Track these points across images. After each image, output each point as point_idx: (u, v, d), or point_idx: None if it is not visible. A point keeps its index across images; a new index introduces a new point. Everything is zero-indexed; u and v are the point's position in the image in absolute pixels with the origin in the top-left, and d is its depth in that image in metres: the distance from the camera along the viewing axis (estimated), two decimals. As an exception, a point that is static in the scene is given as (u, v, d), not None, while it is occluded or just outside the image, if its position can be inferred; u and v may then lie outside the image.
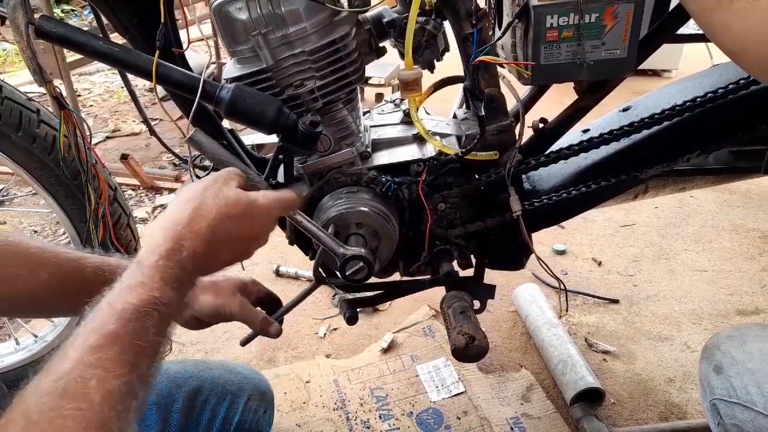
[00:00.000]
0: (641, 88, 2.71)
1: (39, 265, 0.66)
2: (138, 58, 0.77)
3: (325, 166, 0.94)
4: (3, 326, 1.63)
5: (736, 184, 2.15)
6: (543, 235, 1.79)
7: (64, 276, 0.68)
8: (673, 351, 1.44)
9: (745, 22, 0.55)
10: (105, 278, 0.66)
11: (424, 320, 1.57)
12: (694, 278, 1.71)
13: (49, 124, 1.08)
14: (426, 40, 0.90)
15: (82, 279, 0.69)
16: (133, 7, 0.83)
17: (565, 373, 1.29)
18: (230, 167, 0.68)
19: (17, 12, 0.71)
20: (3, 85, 1.04)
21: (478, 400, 1.30)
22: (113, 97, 3.73)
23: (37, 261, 0.67)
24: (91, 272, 0.70)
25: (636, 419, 1.26)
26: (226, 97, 0.78)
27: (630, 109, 1.06)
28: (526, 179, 1.06)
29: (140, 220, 2.21)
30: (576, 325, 1.54)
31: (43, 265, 0.67)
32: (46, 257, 0.67)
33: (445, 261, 1.01)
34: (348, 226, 0.91)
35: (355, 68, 0.88)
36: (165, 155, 2.80)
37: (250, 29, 0.81)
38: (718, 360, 0.77)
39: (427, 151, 0.97)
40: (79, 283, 0.68)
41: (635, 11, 0.75)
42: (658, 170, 0.90)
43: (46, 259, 0.67)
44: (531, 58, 0.79)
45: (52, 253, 0.68)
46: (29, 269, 0.66)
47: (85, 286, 0.65)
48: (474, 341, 0.83)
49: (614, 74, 0.82)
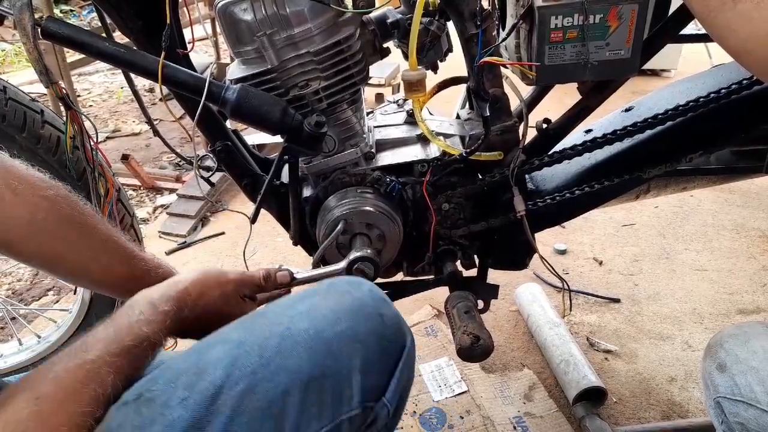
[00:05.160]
0: (640, 87, 2.72)
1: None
2: (144, 59, 0.78)
3: (330, 166, 0.95)
4: (6, 327, 1.63)
5: (737, 184, 2.16)
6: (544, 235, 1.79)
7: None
8: (675, 350, 1.45)
9: (750, 24, 0.55)
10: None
11: (427, 320, 1.57)
12: (694, 277, 1.72)
13: (53, 125, 1.08)
14: (430, 41, 0.90)
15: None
16: (137, 8, 0.84)
17: (567, 372, 1.29)
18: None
19: (24, 13, 0.71)
20: (7, 87, 1.04)
21: (480, 400, 1.30)
22: (113, 97, 3.73)
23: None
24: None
25: (638, 418, 1.26)
26: (231, 98, 0.78)
27: (632, 110, 1.06)
28: (529, 179, 1.06)
29: (141, 220, 2.21)
30: (578, 324, 1.55)
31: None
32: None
33: (449, 261, 1.01)
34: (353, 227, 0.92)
35: (359, 69, 0.88)
36: (165, 155, 2.79)
37: (255, 30, 0.82)
38: (722, 358, 0.78)
39: (431, 151, 0.97)
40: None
41: (639, 12, 0.75)
42: (660, 170, 0.91)
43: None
44: (535, 59, 0.79)
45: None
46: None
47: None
48: (479, 341, 0.84)
49: (618, 75, 0.83)
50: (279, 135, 0.84)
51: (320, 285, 0.65)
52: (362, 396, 0.57)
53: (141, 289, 0.75)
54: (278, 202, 0.99)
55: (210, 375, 0.54)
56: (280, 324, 0.58)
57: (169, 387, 0.54)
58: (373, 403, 0.59)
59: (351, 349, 0.58)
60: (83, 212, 0.73)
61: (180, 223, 2.09)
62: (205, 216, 2.17)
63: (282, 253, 1.89)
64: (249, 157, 1.02)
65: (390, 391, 0.60)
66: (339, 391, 0.56)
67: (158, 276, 0.80)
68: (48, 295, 1.81)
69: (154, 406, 0.53)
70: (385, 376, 0.60)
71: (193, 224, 2.09)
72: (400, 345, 0.62)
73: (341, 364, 0.57)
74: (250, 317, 0.63)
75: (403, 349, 0.62)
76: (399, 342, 0.62)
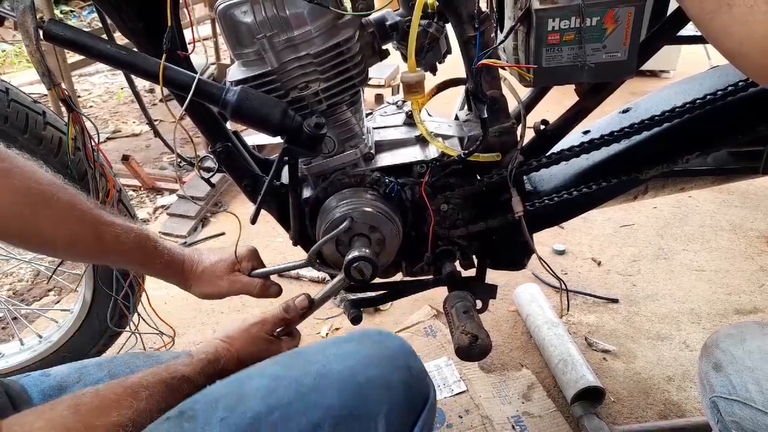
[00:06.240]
0: (639, 88, 2.72)
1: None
2: (145, 61, 0.78)
3: (329, 167, 0.95)
4: (7, 326, 1.64)
5: (735, 184, 2.17)
6: (543, 235, 1.80)
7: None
8: (672, 350, 1.45)
9: (745, 27, 0.56)
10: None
11: (426, 320, 1.58)
12: (692, 278, 1.72)
13: (54, 126, 1.08)
14: (428, 43, 0.91)
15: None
16: (138, 10, 0.84)
17: (565, 372, 1.30)
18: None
19: (26, 16, 0.72)
20: (9, 88, 1.04)
21: (479, 399, 1.31)
22: (113, 98, 3.74)
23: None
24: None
25: (636, 417, 1.27)
26: (232, 100, 0.79)
27: (630, 111, 1.07)
28: (527, 180, 1.07)
29: (142, 220, 2.22)
30: (576, 324, 1.55)
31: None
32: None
33: (448, 261, 1.02)
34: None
35: (358, 71, 0.89)
36: (166, 156, 2.80)
37: (255, 32, 0.82)
38: (718, 358, 0.78)
39: (430, 152, 0.98)
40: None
41: (636, 14, 0.76)
42: (657, 171, 0.92)
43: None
44: (533, 61, 0.80)
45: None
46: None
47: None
48: (477, 340, 0.84)
49: (615, 77, 0.83)
50: (279, 136, 0.85)
51: (353, 332, 0.69)
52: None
53: (112, 254, 0.81)
54: (278, 202, 1.00)
55: (249, 401, 0.57)
56: (315, 363, 0.62)
57: (209, 407, 0.57)
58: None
59: (380, 395, 0.60)
60: (41, 182, 0.72)
61: (180, 224, 2.10)
62: (205, 216, 2.18)
63: (282, 253, 1.90)
64: (249, 158, 1.03)
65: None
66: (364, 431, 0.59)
67: (130, 240, 0.81)
68: (49, 295, 1.82)
69: (195, 422, 0.55)
70: (408, 424, 0.63)
71: (193, 225, 2.10)
72: (424, 396, 0.65)
73: (370, 408, 0.59)
74: (288, 355, 0.68)
75: (427, 400, 0.65)
76: (423, 393, 0.65)
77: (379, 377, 0.61)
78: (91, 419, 0.54)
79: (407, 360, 0.65)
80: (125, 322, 1.26)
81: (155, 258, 0.86)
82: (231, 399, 0.58)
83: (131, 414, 0.56)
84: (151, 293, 1.19)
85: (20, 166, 0.71)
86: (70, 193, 0.76)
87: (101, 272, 1.19)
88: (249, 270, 0.95)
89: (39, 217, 0.72)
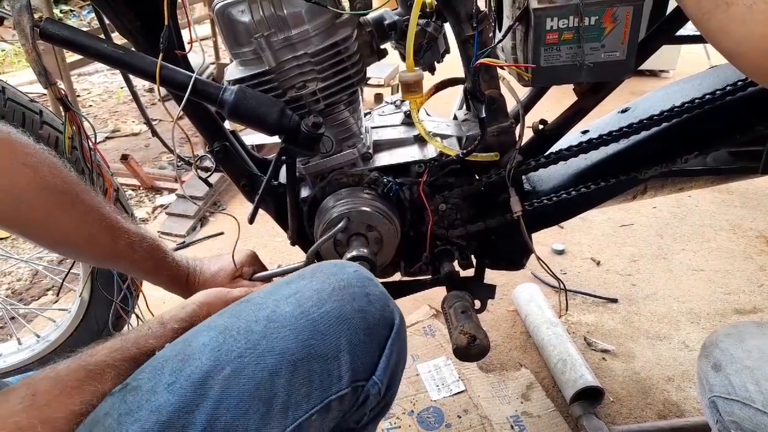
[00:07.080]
0: (639, 88, 2.72)
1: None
2: (142, 60, 0.78)
3: (327, 167, 0.95)
4: (5, 326, 1.63)
5: (734, 184, 2.16)
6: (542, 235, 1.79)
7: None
8: (672, 350, 1.45)
9: (743, 26, 0.55)
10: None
11: (425, 319, 1.58)
12: (692, 278, 1.72)
13: (52, 126, 1.08)
14: (427, 42, 0.91)
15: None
16: (135, 9, 0.84)
17: (564, 371, 1.30)
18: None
19: (22, 15, 0.72)
20: (6, 87, 1.04)
21: (478, 399, 1.30)
22: (112, 97, 3.73)
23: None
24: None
25: (635, 417, 1.27)
26: (229, 99, 0.79)
27: (629, 111, 1.07)
28: (526, 180, 1.07)
29: (141, 220, 2.22)
30: (575, 324, 1.55)
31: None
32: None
33: (446, 261, 1.01)
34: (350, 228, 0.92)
35: (356, 70, 0.89)
36: (165, 155, 2.80)
37: (253, 31, 0.82)
38: (717, 358, 0.78)
39: (428, 152, 0.97)
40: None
41: (634, 14, 0.76)
42: (656, 171, 0.91)
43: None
44: (531, 61, 0.80)
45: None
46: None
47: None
48: (476, 340, 0.84)
49: (614, 76, 0.83)
50: (276, 136, 0.84)
51: (306, 269, 0.65)
52: (351, 375, 0.57)
53: (123, 260, 0.80)
54: (276, 202, 1.00)
55: (196, 360, 0.54)
56: (265, 308, 0.58)
57: (155, 374, 0.54)
58: (363, 383, 0.59)
59: (338, 329, 0.57)
60: (67, 181, 0.73)
61: (179, 223, 2.10)
62: (204, 216, 2.18)
63: (281, 253, 1.90)
64: (247, 157, 1.03)
65: (380, 369, 0.60)
66: (327, 371, 0.56)
67: (142, 250, 0.81)
68: (47, 295, 1.82)
69: (140, 392, 0.53)
70: (373, 354, 0.60)
71: (192, 224, 2.10)
72: (388, 323, 0.62)
73: (328, 345, 0.56)
74: (236, 304, 0.62)
75: (392, 327, 0.62)
76: (386, 320, 0.62)
77: (334, 310, 0.57)
78: (50, 412, 0.51)
79: (364, 287, 0.61)
80: (123, 323, 1.26)
81: (163, 270, 0.86)
82: (177, 361, 0.54)
83: (96, 400, 0.54)
84: (148, 294, 1.19)
85: (49, 163, 0.71)
86: (92, 195, 0.76)
87: (99, 273, 1.18)
88: (250, 275, 0.94)
89: (64, 214, 0.72)
